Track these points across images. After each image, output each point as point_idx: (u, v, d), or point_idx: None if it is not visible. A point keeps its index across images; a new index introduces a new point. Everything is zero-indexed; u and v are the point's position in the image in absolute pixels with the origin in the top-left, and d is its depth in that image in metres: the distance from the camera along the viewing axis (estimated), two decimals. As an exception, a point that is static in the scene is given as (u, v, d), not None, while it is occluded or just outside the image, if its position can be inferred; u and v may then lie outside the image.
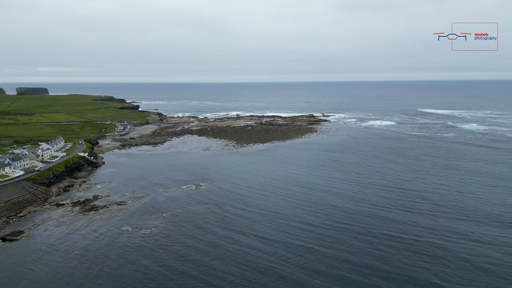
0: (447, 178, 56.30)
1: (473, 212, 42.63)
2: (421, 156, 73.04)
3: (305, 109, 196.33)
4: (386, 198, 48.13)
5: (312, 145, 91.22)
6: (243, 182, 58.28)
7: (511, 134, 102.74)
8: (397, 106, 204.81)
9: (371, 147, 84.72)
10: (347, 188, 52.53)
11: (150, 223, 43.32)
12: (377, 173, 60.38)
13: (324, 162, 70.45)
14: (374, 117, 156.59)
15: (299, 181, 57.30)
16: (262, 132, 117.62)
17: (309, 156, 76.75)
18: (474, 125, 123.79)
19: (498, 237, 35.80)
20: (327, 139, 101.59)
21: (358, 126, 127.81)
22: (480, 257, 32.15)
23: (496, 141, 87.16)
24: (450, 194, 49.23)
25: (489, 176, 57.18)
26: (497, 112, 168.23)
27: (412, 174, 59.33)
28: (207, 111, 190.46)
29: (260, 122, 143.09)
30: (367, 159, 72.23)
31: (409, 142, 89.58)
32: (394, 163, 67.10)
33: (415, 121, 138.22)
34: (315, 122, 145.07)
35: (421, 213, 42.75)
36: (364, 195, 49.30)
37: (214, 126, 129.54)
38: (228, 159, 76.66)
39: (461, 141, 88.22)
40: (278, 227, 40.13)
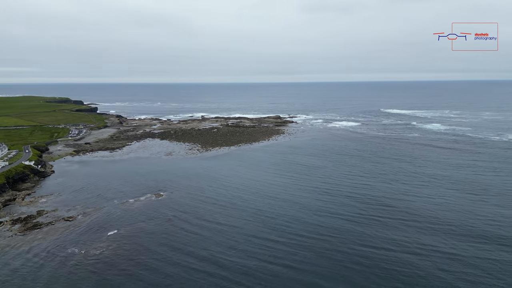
0: (414, 183, 54.46)
1: (443, 220, 40.77)
2: (387, 159, 71.74)
3: (271, 110, 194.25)
4: (354, 207, 45.16)
5: (279, 148, 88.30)
6: (206, 191, 53.81)
7: (471, 133, 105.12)
8: (362, 107, 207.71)
9: (337, 150, 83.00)
10: (314, 198, 49.08)
11: (100, 244, 37.92)
12: (344, 179, 57.75)
13: (291, 167, 67.36)
14: (340, 118, 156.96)
15: (265, 190, 53.47)
16: (228, 135, 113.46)
17: (276, 160, 73.53)
18: (436, 125, 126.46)
19: (471, 250, 33.93)
20: (295, 141, 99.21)
21: (324, 127, 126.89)
22: (455, 273, 29.88)
23: (458, 142, 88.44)
24: (419, 201, 47.36)
25: (453, 180, 56.30)
26: (455, 111, 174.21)
27: (380, 179, 57.48)
28: (170, 112, 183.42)
29: (226, 124, 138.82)
30: (334, 163, 70.02)
31: (374, 144, 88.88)
32: (361, 167, 65.12)
33: (380, 122, 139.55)
34: (282, 123, 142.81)
35: (391, 222, 40.21)
36: (331, 205, 45.98)
37: (177, 129, 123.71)
38: (191, 164, 71.91)
39: (425, 142, 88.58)
40: (239, 246, 35.69)
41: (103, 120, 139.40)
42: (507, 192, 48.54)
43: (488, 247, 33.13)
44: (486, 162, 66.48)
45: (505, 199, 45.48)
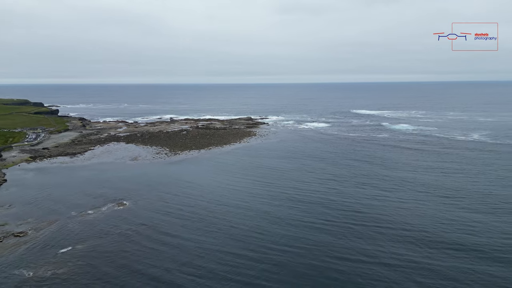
0: (385, 186, 53.32)
1: (417, 227, 39.77)
2: (358, 161, 71.00)
3: (243, 111, 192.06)
4: (326, 214, 43.29)
5: (250, 151, 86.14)
6: (172, 200, 50.45)
7: (438, 133, 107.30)
8: (332, 108, 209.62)
9: (309, 153, 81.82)
10: (285, 205, 46.73)
11: (50, 265, 34.02)
12: (315, 184, 55.91)
13: (262, 171, 65.14)
14: (311, 119, 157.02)
15: (234, 198, 50.50)
16: (198, 137, 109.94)
17: (247, 165, 71.24)
18: (405, 125, 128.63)
19: (446, 259, 33.08)
20: (267, 143, 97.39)
21: (296, 129, 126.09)
22: (433, 286, 28.75)
23: (427, 143, 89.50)
24: (391, 206, 46.27)
25: (424, 182, 56.01)
26: (421, 112, 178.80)
27: (351, 182, 56.23)
28: (138, 115, 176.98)
29: (196, 126, 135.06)
30: (305, 166, 68.43)
31: (345, 146, 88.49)
32: (333, 171, 63.87)
33: (350, 123, 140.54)
34: (254, 125, 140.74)
35: (364, 230, 38.79)
36: (303, 213, 43.80)
37: (144, 132, 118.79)
38: (159, 170, 68.28)
39: (394, 143, 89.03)
40: (203, 263, 32.76)
41: (64, 123, 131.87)
42: (476, 194, 48.53)
43: (464, 255, 32.29)
44: (454, 163, 67.17)
45: (475, 202, 45.36)
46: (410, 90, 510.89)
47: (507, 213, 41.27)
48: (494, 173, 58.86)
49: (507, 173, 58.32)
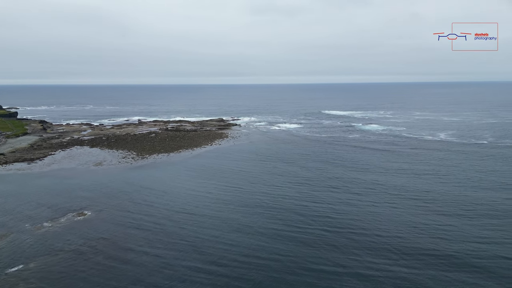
0: (358, 190, 52.45)
1: (391, 233, 39.23)
2: (329, 163, 70.19)
3: (215, 112, 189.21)
4: (300, 221, 41.75)
5: (221, 154, 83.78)
6: (138, 208, 47.32)
7: (406, 133, 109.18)
8: (304, 109, 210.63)
9: (281, 155, 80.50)
10: (256, 212, 44.59)
11: (-1, 285, 30.64)
12: (288, 188, 54.35)
13: (234, 175, 62.93)
14: (283, 119, 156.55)
15: (202, 205, 47.63)
16: (168, 140, 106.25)
17: (218, 168, 68.77)
18: (374, 126, 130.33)
19: (423, 269, 32.35)
20: (238, 145, 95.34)
21: (268, 130, 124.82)
22: None
23: (396, 143, 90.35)
24: (365, 210, 45.55)
25: (395, 185, 55.94)
26: (390, 112, 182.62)
27: (324, 185, 55.07)
28: (104, 116, 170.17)
29: (166, 128, 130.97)
30: (277, 169, 66.87)
31: (317, 147, 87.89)
32: (305, 174, 62.64)
33: (321, 123, 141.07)
34: (225, 126, 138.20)
35: (338, 238, 37.55)
36: (275, 220, 41.89)
37: (110, 135, 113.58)
38: (124, 175, 64.63)
39: (365, 145, 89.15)
40: (165, 283, 30.36)
41: (23, 127, 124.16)
42: (447, 196, 48.56)
43: (440, 261, 31.57)
44: (424, 164, 67.73)
45: (446, 205, 45.28)
46: (380, 90, 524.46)
47: (478, 216, 41.30)
48: (463, 173, 59.63)
49: (474, 174, 59.22)
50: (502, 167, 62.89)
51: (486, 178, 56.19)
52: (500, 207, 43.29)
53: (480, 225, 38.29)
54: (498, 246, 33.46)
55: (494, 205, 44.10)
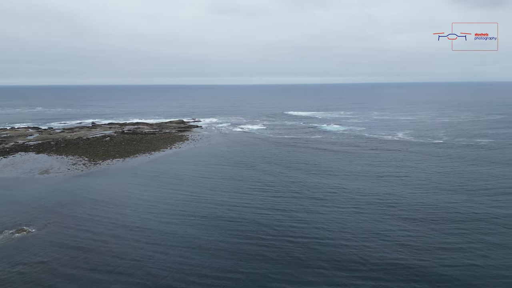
0: (321, 194, 51.15)
1: (358, 242, 37.87)
2: (293, 166, 68.47)
3: (175, 114, 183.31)
4: (262, 231, 39.50)
5: (181, 158, 79.81)
6: (84, 223, 42.48)
7: (367, 133, 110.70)
8: (266, 109, 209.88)
9: (243, 158, 78.02)
10: (216, 222, 41.81)
11: None
12: (250, 194, 51.90)
13: (193, 181, 59.37)
14: (246, 120, 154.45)
15: (156, 217, 43.68)
16: (124, 144, 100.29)
17: (176, 174, 64.88)
18: (335, 126, 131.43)
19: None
20: (199, 148, 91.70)
21: (230, 132, 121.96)
22: None
23: (358, 145, 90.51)
24: (329, 217, 44.49)
25: (359, 187, 55.57)
26: (349, 112, 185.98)
27: (287, 189, 53.43)
28: (54, 119, 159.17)
29: (122, 131, 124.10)
30: (240, 173, 64.40)
31: (279, 149, 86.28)
32: (268, 177, 60.49)
33: (284, 124, 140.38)
34: (186, 128, 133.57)
35: (302, 250, 35.59)
36: (237, 233, 39.24)
37: (60, 139, 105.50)
38: (73, 184, 59.08)
39: (327, 146, 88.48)
40: None
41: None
42: (409, 200, 48.13)
43: (408, 272, 30.38)
44: (385, 165, 67.89)
45: (410, 209, 44.74)
46: (340, 91, 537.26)
47: (441, 219, 41.02)
48: (423, 174, 60.15)
49: (434, 175, 59.91)
50: (459, 168, 64.30)
51: (445, 179, 56.85)
52: (461, 209, 43.36)
53: (444, 230, 37.85)
54: (465, 253, 32.91)
55: (456, 207, 44.16)
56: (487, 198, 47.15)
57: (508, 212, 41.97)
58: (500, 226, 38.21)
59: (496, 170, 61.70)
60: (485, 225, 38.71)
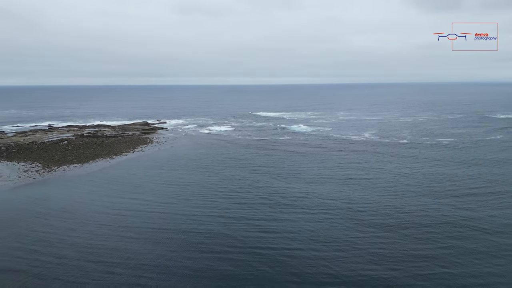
0: (291, 202, 49.31)
1: (328, 251, 36.48)
2: (261, 170, 66.47)
3: (139, 115, 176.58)
4: (230, 238, 37.66)
5: (145, 162, 75.68)
6: (32, 241, 38.16)
7: (334, 134, 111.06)
8: (233, 110, 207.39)
9: (211, 161, 75.24)
10: (179, 240, 38.23)
11: None
12: (216, 202, 49.24)
13: (157, 188, 55.93)
14: (213, 122, 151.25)
15: (115, 233, 39.63)
16: (83, 148, 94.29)
17: (138, 180, 60.84)
18: (303, 127, 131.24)
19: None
20: (164, 152, 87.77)
21: (198, 133, 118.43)
22: None
23: (324, 146, 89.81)
24: (300, 225, 42.92)
25: (327, 192, 54.58)
26: (316, 113, 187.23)
27: (255, 194, 51.50)
28: (6, 122, 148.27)
29: (81, 134, 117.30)
30: (208, 177, 61.49)
31: (248, 152, 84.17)
32: (237, 181, 58.29)
33: (252, 125, 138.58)
34: (150, 130, 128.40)
35: (273, 258, 33.96)
36: (201, 247, 36.79)
37: (12, 144, 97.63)
38: (22, 195, 53.78)
39: (295, 148, 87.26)
40: None
41: None
42: (378, 204, 47.28)
43: (381, 284, 29.14)
44: (353, 167, 67.42)
45: (379, 213, 43.89)
46: (307, 92, 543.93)
47: (410, 224, 40.43)
48: (390, 176, 60.14)
49: (401, 177, 59.89)
50: (425, 169, 64.98)
51: (413, 181, 56.94)
52: (431, 212, 43.10)
53: (416, 235, 37.17)
54: (438, 260, 32.16)
55: (425, 210, 43.90)
56: (455, 199, 47.36)
57: (476, 214, 42.12)
58: (469, 229, 38.08)
59: (460, 170, 62.80)
60: (455, 228, 38.47)
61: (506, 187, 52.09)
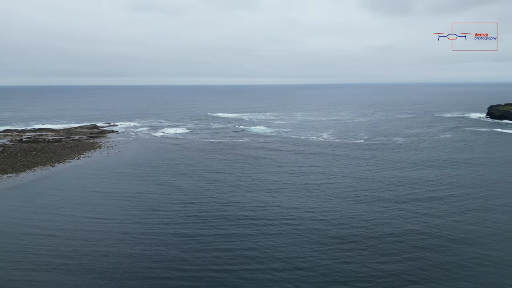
0: (250, 213, 46.08)
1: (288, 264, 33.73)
2: (219, 177, 62.54)
3: (87, 117, 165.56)
4: (185, 258, 33.93)
5: (90, 170, 68.81)
6: None
7: (293, 135, 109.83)
8: (189, 111, 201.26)
9: (166, 167, 70.13)
10: (126, 257, 34.15)
11: None
12: (168, 212, 44.99)
13: (99, 201, 49.98)
14: (167, 124, 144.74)
15: (43, 264, 32.92)
16: (20, 155, 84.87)
17: (82, 191, 54.43)
18: (262, 128, 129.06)
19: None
20: (113, 157, 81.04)
21: (151, 137, 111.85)
22: None
23: (283, 149, 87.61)
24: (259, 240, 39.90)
25: (289, 200, 52.01)
26: (275, 114, 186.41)
27: (213, 206, 47.56)
28: None
29: (20, 139, 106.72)
30: (161, 186, 56.70)
31: (205, 156, 79.87)
32: (190, 190, 53.89)
33: (209, 127, 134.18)
34: (99, 134, 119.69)
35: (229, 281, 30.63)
36: (151, 264, 32.81)
37: None
38: None
39: (254, 152, 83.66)
40: None
41: None
42: (341, 213, 45.42)
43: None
44: (313, 172, 65.62)
45: (343, 222, 41.92)
46: (265, 92, 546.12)
47: (375, 232, 38.55)
48: (351, 180, 58.84)
49: (362, 182, 58.79)
50: (385, 171, 64.70)
51: (374, 185, 55.78)
52: (393, 219, 41.70)
53: (380, 246, 35.29)
54: (405, 274, 30.27)
55: (388, 217, 42.45)
56: (416, 204, 46.48)
57: (438, 220, 41.21)
58: (434, 237, 36.85)
59: (418, 172, 62.86)
60: (419, 236, 37.11)
61: (463, 189, 52.33)
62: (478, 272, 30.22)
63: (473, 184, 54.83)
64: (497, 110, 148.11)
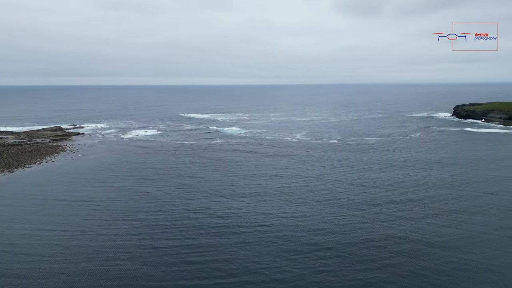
0: (222, 220, 44.49)
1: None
2: (191, 182, 59.88)
3: (52, 119, 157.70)
4: (149, 275, 31.48)
5: (52, 176, 64.21)
6: None
7: (267, 136, 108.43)
8: (160, 112, 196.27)
9: (134, 172, 66.64)
10: (87, 274, 31.16)
11: None
12: (135, 222, 42.03)
13: (60, 211, 46.20)
14: (138, 125, 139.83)
15: (7, 274, 31.09)
16: (-26, 160, 78.79)
17: (39, 202, 50.19)
18: (236, 129, 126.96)
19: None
20: (77, 161, 76.44)
21: (120, 139, 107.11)
22: None
23: (257, 151, 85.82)
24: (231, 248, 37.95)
25: (265, 204, 50.39)
26: (248, 114, 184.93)
27: (184, 215, 45.17)
28: None
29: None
30: (125, 193, 53.39)
31: (175, 160, 76.65)
32: (160, 197, 50.91)
33: (181, 128, 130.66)
34: (64, 136, 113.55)
35: None
36: (110, 282, 30.14)
37: None
38: None
39: (228, 155, 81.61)
40: None
41: None
42: (319, 217, 44.26)
43: None
44: (287, 175, 64.15)
45: (320, 226, 40.69)
46: (237, 93, 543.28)
47: (352, 240, 37.44)
48: (326, 183, 57.88)
49: (337, 185, 57.98)
50: (357, 173, 64.27)
51: (348, 188, 55.02)
52: (370, 223, 40.79)
53: (358, 252, 34.14)
54: (384, 282, 29.08)
55: (364, 221, 41.53)
56: (391, 206, 45.89)
57: (414, 224, 40.68)
58: (410, 241, 36.11)
59: (391, 173, 62.73)
60: (395, 240, 36.27)
61: (436, 190, 52.40)
62: (456, 278, 29.55)
63: (445, 185, 55.12)
64: (462, 110, 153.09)
